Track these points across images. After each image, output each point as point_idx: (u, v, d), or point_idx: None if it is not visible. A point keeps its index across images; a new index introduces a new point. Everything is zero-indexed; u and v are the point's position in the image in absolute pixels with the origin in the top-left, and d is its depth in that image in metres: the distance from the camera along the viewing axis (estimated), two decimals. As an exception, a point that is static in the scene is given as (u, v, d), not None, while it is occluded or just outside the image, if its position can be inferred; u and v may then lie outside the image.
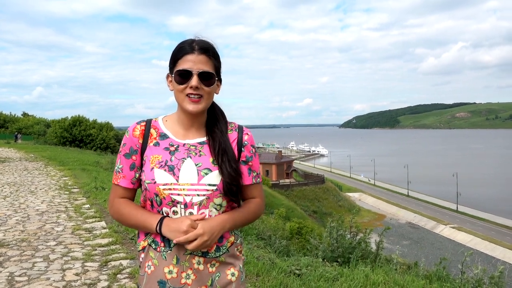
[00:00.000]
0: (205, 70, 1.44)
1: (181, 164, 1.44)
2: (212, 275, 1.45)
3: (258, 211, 1.60)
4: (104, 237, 5.22)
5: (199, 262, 1.43)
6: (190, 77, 1.43)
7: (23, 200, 8.06)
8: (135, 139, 1.51)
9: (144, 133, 1.51)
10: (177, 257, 1.42)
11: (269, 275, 3.79)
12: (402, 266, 5.05)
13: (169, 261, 1.42)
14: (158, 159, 1.46)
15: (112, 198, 1.54)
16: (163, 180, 1.42)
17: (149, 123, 1.54)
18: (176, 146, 1.49)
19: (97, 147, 35.13)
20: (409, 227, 51.55)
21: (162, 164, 1.44)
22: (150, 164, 1.46)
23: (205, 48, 1.47)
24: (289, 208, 41.48)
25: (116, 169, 1.53)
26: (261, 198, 1.62)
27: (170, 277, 1.41)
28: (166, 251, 1.42)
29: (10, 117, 54.82)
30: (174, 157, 1.46)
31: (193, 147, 1.50)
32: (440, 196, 63.74)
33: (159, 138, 1.51)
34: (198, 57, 1.44)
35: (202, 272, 1.43)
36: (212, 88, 1.48)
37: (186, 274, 1.42)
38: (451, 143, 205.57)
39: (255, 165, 1.59)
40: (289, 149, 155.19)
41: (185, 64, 1.44)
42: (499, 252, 38.07)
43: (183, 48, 1.47)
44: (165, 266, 1.42)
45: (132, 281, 3.71)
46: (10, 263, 4.20)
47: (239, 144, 1.55)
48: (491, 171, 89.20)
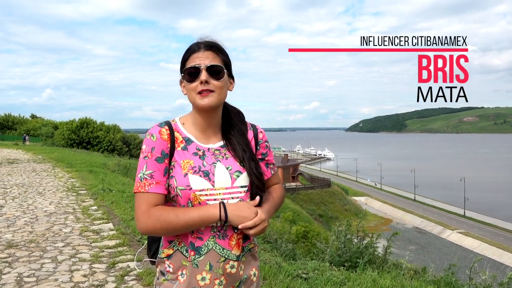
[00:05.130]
0: (213, 64, 1.44)
1: (213, 168, 1.44)
2: (241, 277, 1.47)
3: (282, 195, 1.68)
4: (112, 239, 5.24)
5: (232, 266, 1.43)
6: (199, 73, 1.43)
7: (32, 201, 8.12)
8: (164, 143, 1.44)
9: (171, 136, 1.46)
10: (210, 264, 1.40)
11: (276, 279, 3.79)
12: (409, 271, 5.02)
13: (202, 268, 1.40)
14: (190, 164, 1.42)
15: (146, 209, 1.38)
16: (199, 186, 1.40)
17: (171, 126, 1.49)
18: (202, 151, 1.48)
19: (104, 149, 35.27)
20: (416, 232, 51.15)
21: (196, 170, 1.42)
22: (182, 169, 1.41)
23: (211, 45, 1.48)
24: (295, 211, 41.39)
25: (142, 176, 1.40)
26: (279, 182, 1.71)
27: (203, 284, 1.39)
28: (197, 259, 1.40)
29: (18, 119, 55.33)
30: (205, 162, 1.45)
31: (217, 151, 1.50)
32: (447, 201, 63.16)
33: (185, 143, 1.49)
34: (205, 53, 1.45)
35: (233, 275, 1.43)
36: (223, 82, 1.45)
37: (219, 281, 1.40)
38: (459, 148, 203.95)
39: (271, 158, 1.65)
40: (295, 152, 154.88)
41: (193, 62, 1.44)
42: (507, 258, 37.58)
43: (190, 49, 1.48)
44: (197, 274, 1.39)
45: (139, 283, 3.73)
46: (18, 264, 4.24)
47: (255, 142, 1.59)
48: (499, 176, 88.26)
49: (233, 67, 1.56)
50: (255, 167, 1.50)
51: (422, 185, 69.03)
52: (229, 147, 1.51)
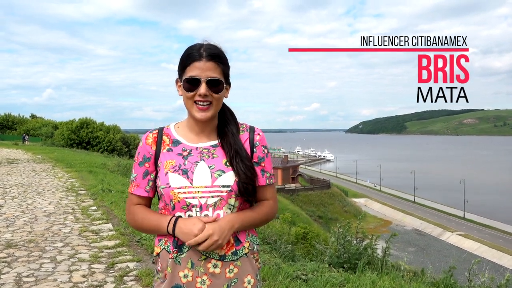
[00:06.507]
0: (214, 77, 1.44)
1: (194, 167, 1.45)
2: (229, 280, 1.44)
3: (270, 213, 1.58)
4: (111, 239, 5.24)
5: (215, 265, 1.42)
6: (199, 84, 1.44)
7: (31, 201, 8.12)
8: (148, 147, 1.54)
9: (157, 140, 1.54)
10: (192, 262, 1.42)
11: (275, 280, 3.79)
12: (408, 273, 5.02)
13: (184, 265, 1.42)
14: (172, 163, 1.48)
15: (128, 206, 1.58)
16: (177, 183, 1.43)
17: (161, 131, 1.57)
18: (189, 151, 1.50)
19: (104, 149, 35.28)
20: (415, 233, 51.15)
21: (176, 168, 1.46)
22: (164, 169, 1.48)
23: (213, 54, 1.46)
24: (294, 213, 41.36)
25: (131, 178, 1.57)
26: (273, 200, 1.60)
27: (185, 281, 1.42)
28: (180, 256, 1.43)
29: (18, 118, 55.32)
30: (188, 161, 1.48)
31: (205, 150, 1.51)
32: (447, 203, 63.17)
33: (171, 145, 1.53)
34: (206, 64, 1.44)
35: (218, 275, 1.42)
36: (220, 95, 1.48)
37: (201, 279, 1.41)
38: (459, 150, 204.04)
39: (268, 166, 1.58)
40: (295, 153, 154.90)
41: (194, 72, 1.44)
42: (507, 261, 37.58)
43: (191, 55, 1.46)
44: (179, 271, 1.42)
45: (138, 283, 3.73)
46: (17, 264, 4.24)
47: (251, 144, 1.55)
48: (499, 178, 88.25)
49: (234, 68, 1.57)
50: (241, 162, 1.46)
51: (422, 187, 69.02)
52: (221, 147, 1.52)
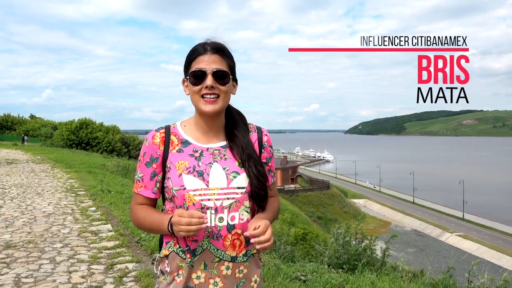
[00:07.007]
0: (219, 69, 1.44)
1: (209, 169, 1.43)
2: (238, 280, 1.44)
3: (278, 208, 1.65)
4: (110, 240, 5.23)
5: (227, 267, 1.42)
6: (205, 77, 1.42)
7: (30, 202, 8.12)
8: (155, 147, 1.48)
9: (165, 140, 1.49)
10: (205, 263, 1.41)
11: (275, 281, 3.79)
12: (407, 274, 5.02)
13: (197, 267, 1.42)
14: (185, 165, 1.44)
15: (132, 206, 1.54)
16: (193, 186, 1.40)
17: (168, 130, 1.52)
18: (200, 152, 1.48)
19: (103, 150, 35.24)
20: (415, 234, 51.13)
21: (191, 170, 1.43)
22: (177, 170, 1.43)
23: (218, 48, 1.47)
24: (293, 213, 41.34)
25: (137, 178, 1.52)
26: (277, 195, 1.67)
27: (198, 282, 1.41)
28: (193, 260, 1.41)
29: (17, 119, 55.27)
30: (201, 162, 1.45)
31: (216, 151, 1.49)
32: (446, 203, 63.18)
33: (181, 145, 1.49)
34: (211, 57, 1.44)
35: (229, 277, 1.42)
36: (228, 87, 1.47)
37: (214, 281, 1.41)
38: (458, 151, 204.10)
39: (273, 165, 1.63)
40: (295, 154, 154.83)
41: (199, 65, 1.44)
42: (506, 261, 37.59)
43: (196, 50, 1.47)
44: (192, 273, 1.41)
45: (138, 284, 3.72)
46: (17, 265, 4.23)
47: (259, 145, 1.56)
48: (498, 179, 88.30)
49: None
50: (255, 167, 1.46)
51: (421, 188, 69.00)
52: (230, 148, 1.51)
